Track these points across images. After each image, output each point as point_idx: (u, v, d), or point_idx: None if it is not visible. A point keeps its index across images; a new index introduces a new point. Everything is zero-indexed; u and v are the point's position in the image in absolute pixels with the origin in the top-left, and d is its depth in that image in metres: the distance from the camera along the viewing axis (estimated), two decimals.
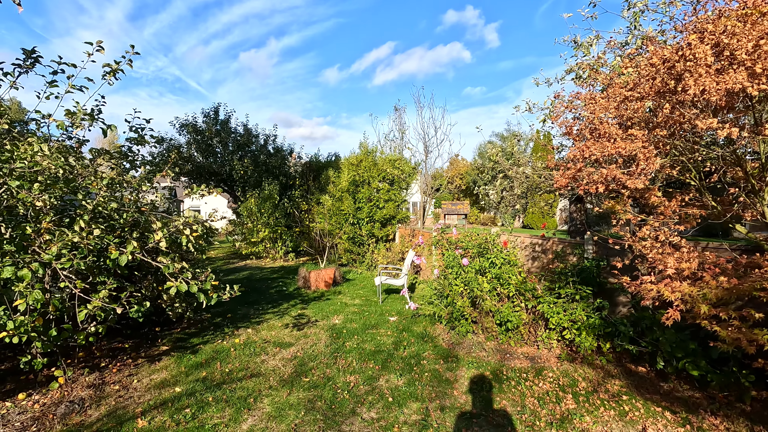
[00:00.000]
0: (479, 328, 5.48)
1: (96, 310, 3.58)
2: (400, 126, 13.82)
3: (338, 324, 6.03)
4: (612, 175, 2.63)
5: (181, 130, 15.93)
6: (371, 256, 11.01)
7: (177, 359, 4.59)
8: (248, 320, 6.30)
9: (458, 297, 5.47)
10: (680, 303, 3.10)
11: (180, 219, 4.08)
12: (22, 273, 3.07)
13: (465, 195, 38.32)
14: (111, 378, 4.13)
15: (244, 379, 4.08)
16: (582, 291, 4.95)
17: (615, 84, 3.07)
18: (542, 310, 4.90)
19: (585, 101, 3.09)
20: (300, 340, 5.27)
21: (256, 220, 13.05)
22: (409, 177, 11.97)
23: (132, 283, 4.94)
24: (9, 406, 3.55)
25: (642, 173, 2.92)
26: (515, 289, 5.16)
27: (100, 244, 3.59)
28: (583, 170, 3.14)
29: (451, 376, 4.17)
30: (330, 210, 11.42)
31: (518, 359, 4.66)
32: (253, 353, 4.79)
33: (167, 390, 3.82)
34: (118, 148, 5.34)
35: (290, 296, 8.04)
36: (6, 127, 4.18)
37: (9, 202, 3.66)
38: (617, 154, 2.64)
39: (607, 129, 2.71)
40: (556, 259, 5.99)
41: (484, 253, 5.69)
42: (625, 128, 2.82)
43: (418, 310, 6.22)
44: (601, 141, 2.70)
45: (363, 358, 4.64)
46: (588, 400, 3.63)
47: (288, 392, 3.78)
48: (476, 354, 4.81)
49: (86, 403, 3.60)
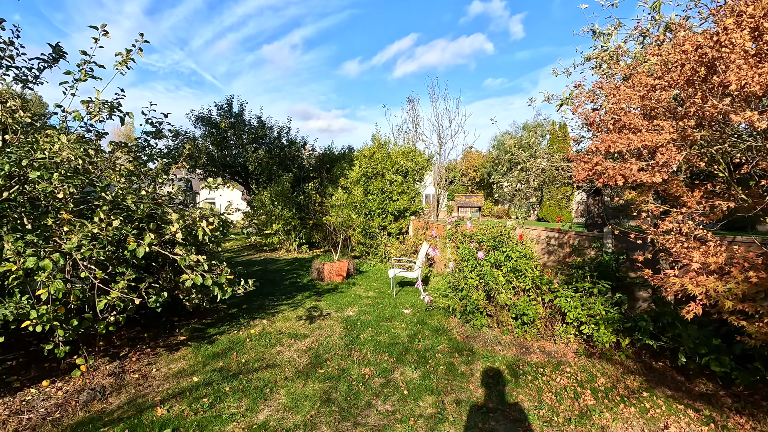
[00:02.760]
0: (494, 321, 5.43)
1: (115, 300, 3.64)
2: (413, 117, 13.71)
3: (352, 316, 6.04)
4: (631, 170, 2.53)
5: (197, 123, 16.06)
6: (384, 248, 11.00)
7: (194, 349, 4.66)
8: (263, 311, 6.35)
9: (473, 290, 5.42)
10: (704, 298, 3.00)
11: (196, 211, 4.11)
12: (44, 263, 3.13)
13: (479, 187, 37.97)
14: (131, 366, 4.21)
15: (259, 369, 4.12)
16: (600, 285, 4.85)
17: (639, 73, 2.95)
18: (559, 304, 4.82)
19: (607, 91, 2.98)
20: (315, 332, 5.30)
21: (270, 212, 13.15)
22: (423, 169, 11.87)
23: (150, 273, 5.02)
24: (34, 393, 3.64)
25: (664, 165, 2.82)
26: (531, 282, 5.09)
27: (119, 235, 3.64)
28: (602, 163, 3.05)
29: (466, 370, 4.14)
30: (343, 202, 11.42)
31: (534, 353, 4.60)
32: (268, 344, 4.83)
33: (185, 379, 3.87)
34: (135, 141, 5.40)
35: (304, 288, 8.09)
36: (28, 120, 4.26)
37: (32, 193, 3.74)
38: (643, 147, 2.53)
39: (631, 120, 2.60)
40: (574, 253, 5.88)
41: (499, 246, 5.62)
42: (650, 119, 2.72)
43: (433, 302, 6.19)
44: (624, 133, 2.59)
45: (378, 350, 4.64)
46: (607, 396, 3.56)
47: (303, 383, 3.80)
48: (492, 348, 4.77)
49: (107, 390, 3.68)
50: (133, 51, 4.17)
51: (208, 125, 15.92)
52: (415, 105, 13.97)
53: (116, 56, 4.15)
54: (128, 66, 4.21)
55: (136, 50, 4.18)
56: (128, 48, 4.30)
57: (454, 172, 15.04)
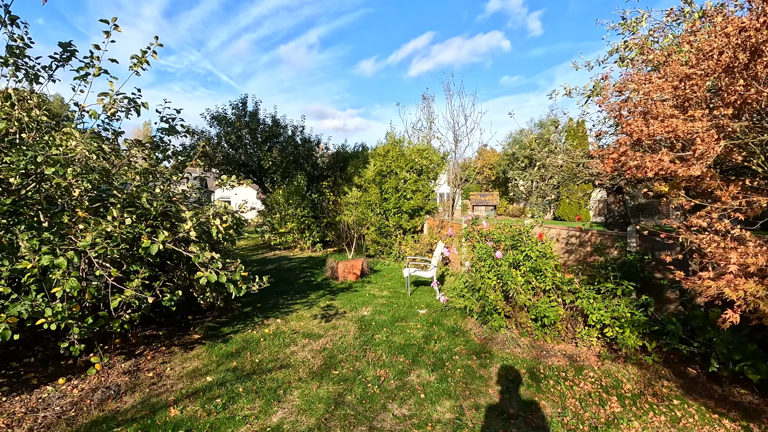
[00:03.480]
0: (512, 323, 5.27)
1: (130, 298, 3.62)
2: (428, 115, 13.55)
3: (367, 316, 5.95)
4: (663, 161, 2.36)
5: (212, 122, 16.19)
6: (399, 247, 10.89)
7: (208, 348, 4.63)
8: (277, 310, 6.31)
9: (490, 290, 5.27)
10: (742, 303, 2.81)
11: (210, 209, 4.06)
12: (58, 261, 3.11)
13: (494, 186, 37.53)
14: (145, 365, 4.20)
15: (273, 370, 4.06)
16: (624, 286, 4.66)
17: (672, 62, 2.78)
18: (582, 306, 4.64)
19: (637, 82, 2.81)
20: (329, 332, 5.23)
21: (284, 210, 13.16)
22: (438, 167, 11.71)
23: (165, 272, 5.02)
24: (50, 390, 3.65)
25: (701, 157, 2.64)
26: (552, 283, 4.92)
27: (133, 233, 3.61)
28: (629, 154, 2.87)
29: (485, 373, 4.00)
30: (357, 201, 11.34)
31: (555, 357, 4.44)
32: (282, 344, 4.78)
33: (199, 379, 3.84)
34: (151, 138, 5.41)
35: (318, 287, 8.03)
36: (45, 118, 4.27)
37: (49, 191, 3.74)
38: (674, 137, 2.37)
39: (663, 110, 2.43)
40: (595, 253, 5.68)
41: (517, 246, 5.45)
42: (683, 110, 2.54)
43: (449, 302, 6.06)
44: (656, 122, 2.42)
45: (393, 351, 4.54)
46: (635, 403, 3.39)
47: (318, 385, 3.72)
48: (510, 350, 4.62)
49: (122, 389, 3.66)
50: (147, 53, 4.16)
51: (223, 124, 16.03)
52: (430, 102, 13.83)
53: (132, 59, 4.14)
54: (143, 67, 4.20)
55: (151, 53, 4.17)
56: (143, 49, 4.29)
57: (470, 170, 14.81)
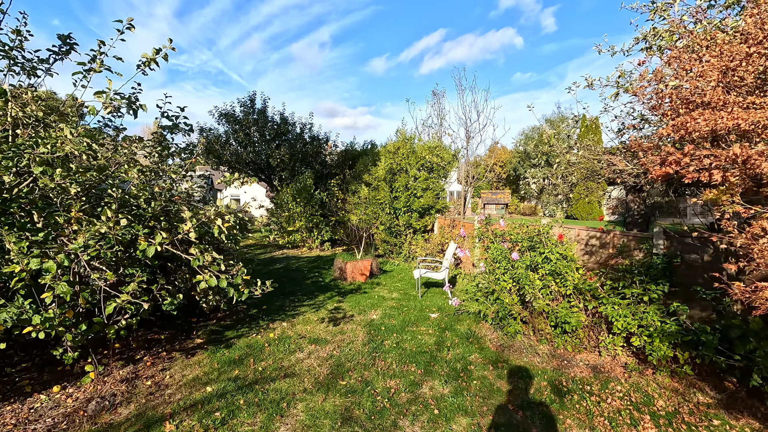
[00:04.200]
0: (529, 328, 4.98)
1: (125, 304, 3.42)
2: (438, 112, 13.24)
3: (376, 320, 5.71)
4: (745, 155, 2.05)
5: (220, 120, 16.07)
6: (408, 247, 10.61)
7: (211, 354, 4.42)
8: (284, 312, 6.10)
9: (506, 294, 4.99)
10: None
11: (211, 209, 3.84)
12: (47, 264, 2.91)
13: (504, 184, 37.03)
14: (144, 372, 4.01)
15: (277, 379, 3.83)
16: (652, 292, 4.34)
17: (719, 42, 2.46)
18: (606, 313, 4.33)
19: (683, 65, 2.50)
20: (336, 337, 4.99)
21: (292, 209, 12.96)
22: (449, 165, 11.40)
23: (166, 273, 4.82)
24: (43, 399, 3.47)
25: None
26: (573, 287, 4.61)
27: (128, 234, 3.41)
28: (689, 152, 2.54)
29: (503, 386, 3.73)
30: (366, 199, 11.08)
31: (577, 367, 4.14)
32: (287, 350, 4.55)
33: (198, 389, 3.62)
34: (152, 135, 5.21)
35: (326, 288, 7.81)
36: (41, 114, 4.09)
37: (45, 190, 3.55)
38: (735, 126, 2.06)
39: (720, 96, 2.12)
40: (620, 255, 5.35)
41: (535, 247, 5.16)
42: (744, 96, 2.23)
43: (461, 306, 5.78)
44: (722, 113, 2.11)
45: (404, 359, 4.29)
46: (670, 423, 3.09)
47: (323, 397, 3.48)
48: (529, 359, 4.33)
49: (117, 399, 3.46)
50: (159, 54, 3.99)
51: (231, 122, 15.90)
52: (441, 99, 13.50)
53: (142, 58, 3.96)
54: (151, 68, 4.01)
55: (162, 55, 4.00)
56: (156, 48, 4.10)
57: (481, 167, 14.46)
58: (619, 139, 5.84)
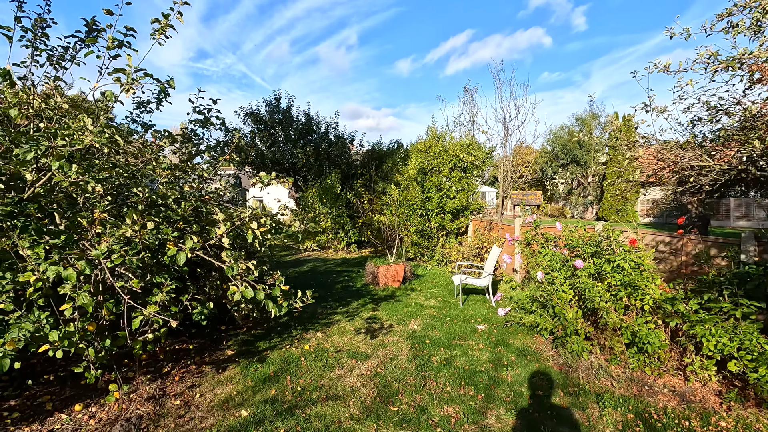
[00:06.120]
0: (596, 346, 4.41)
1: (152, 316, 3.04)
2: (471, 109, 12.64)
3: (418, 331, 5.22)
4: None
5: (246, 119, 15.87)
6: (441, 250, 10.08)
7: (243, 368, 4.03)
8: (316, 320, 5.69)
9: (567, 307, 4.43)
10: None
11: (246, 211, 3.44)
12: (66, 273, 2.55)
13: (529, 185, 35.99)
14: (173, 389, 3.64)
15: (319, 401, 3.39)
16: (744, 306, 3.71)
17: None
18: (694, 332, 3.72)
19: None
20: (377, 350, 4.53)
21: (318, 209, 12.61)
22: (483, 163, 10.80)
23: (195, 279, 4.47)
24: (64, 419, 3.13)
25: None
26: (652, 301, 4.02)
27: (156, 238, 3.03)
28: None
29: (581, 417, 3.18)
30: (396, 200, 10.60)
31: (662, 394, 3.57)
32: (326, 365, 4.12)
33: (232, 413, 3.21)
34: (182, 130, 4.89)
35: (358, 294, 7.37)
36: (66, 106, 3.78)
37: (68, 188, 3.22)
38: None
39: None
40: (699, 263, 4.71)
41: (601, 254, 4.58)
42: None
43: (509, 316, 5.24)
44: None
45: (458, 380, 3.79)
46: None
47: (375, 427, 3.02)
48: (602, 383, 3.77)
49: (143, 423, 3.09)
50: (171, 16, 3.52)
51: (256, 122, 15.69)
52: (473, 95, 12.91)
53: (153, 23, 3.52)
54: (167, 35, 3.57)
55: (175, 14, 3.54)
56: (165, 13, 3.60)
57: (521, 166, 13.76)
58: (691, 131, 5.20)
